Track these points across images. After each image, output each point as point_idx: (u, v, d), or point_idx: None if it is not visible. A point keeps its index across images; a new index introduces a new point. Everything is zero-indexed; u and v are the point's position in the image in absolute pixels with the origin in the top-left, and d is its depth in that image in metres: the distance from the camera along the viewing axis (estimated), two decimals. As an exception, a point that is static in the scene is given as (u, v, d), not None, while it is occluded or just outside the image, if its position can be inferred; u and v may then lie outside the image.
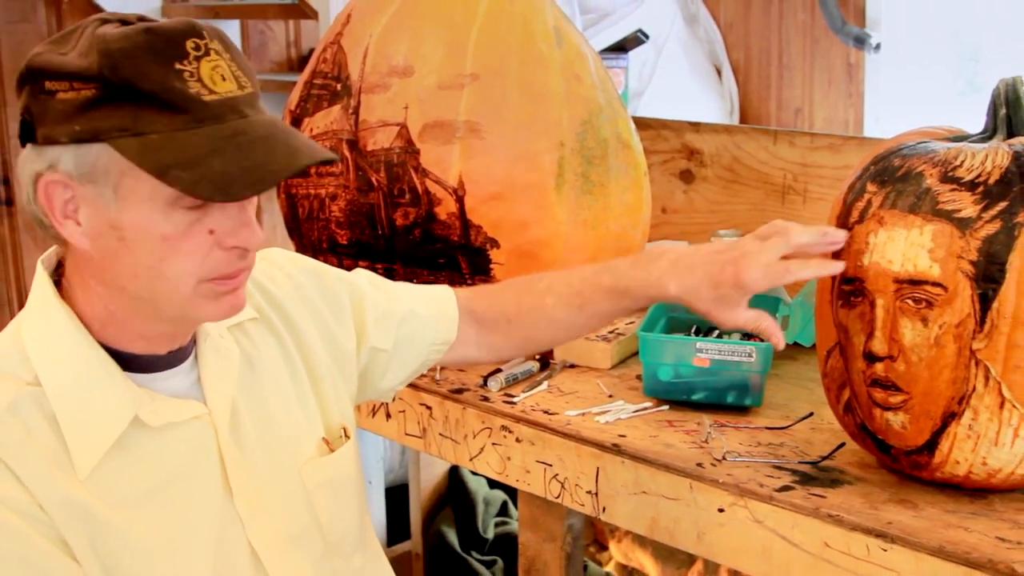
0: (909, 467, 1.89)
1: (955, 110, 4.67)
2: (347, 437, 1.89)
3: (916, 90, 4.78)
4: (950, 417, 1.79)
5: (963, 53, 4.77)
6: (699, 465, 2.02)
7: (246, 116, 1.52)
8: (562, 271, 2.09)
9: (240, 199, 1.48)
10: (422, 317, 2.04)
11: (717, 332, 2.46)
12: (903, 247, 1.79)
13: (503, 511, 3.97)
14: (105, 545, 1.52)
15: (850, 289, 1.87)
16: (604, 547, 4.24)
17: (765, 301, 2.54)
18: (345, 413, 1.93)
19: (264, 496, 1.71)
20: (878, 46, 4.71)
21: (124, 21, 1.50)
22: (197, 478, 1.64)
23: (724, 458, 2.03)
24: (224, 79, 1.50)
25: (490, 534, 3.84)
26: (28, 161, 1.49)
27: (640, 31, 3.71)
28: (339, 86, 2.52)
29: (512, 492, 4.02)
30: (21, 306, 4.45)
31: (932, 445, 1.83)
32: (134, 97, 1.44)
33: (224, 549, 1.65)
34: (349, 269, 2.45)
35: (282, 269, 1.91)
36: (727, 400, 2.26)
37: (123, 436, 1.55)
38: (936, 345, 1.77)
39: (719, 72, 5.10)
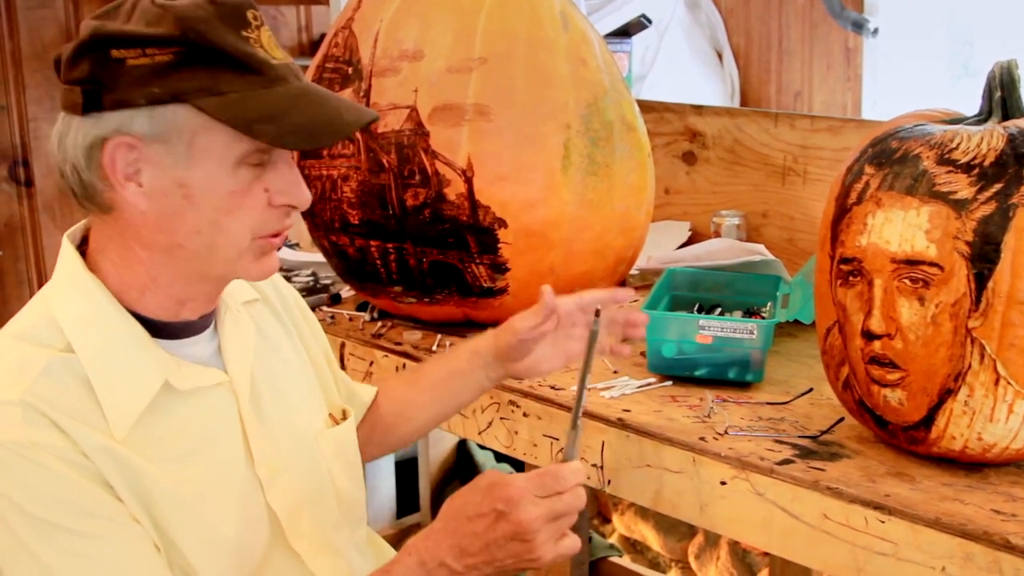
0: (906, 442, 1.94)
1: (951, 93, 4.71)
2: (346, 417, 1.99)
3: (913, 74, 4.82)
4: (946, 394, 1.84)
5: (958, 37, 4.80)
6: (702, 439, 2.06)
7: (301, 80, 1.64)
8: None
9: (322, 147, 1.69)
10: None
11: (719, 310, 2.51)
12: (900, 228, 1.83)
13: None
14: (144, 491, 1.58)
15: (849, 269, 1.91)
16: (607, 520, 4.30)
17: (765, 280, 2.59)
18: (349, 397, 2.06)
19: (282, 462, 1.77)
20: (876, 31, 4.75)
21: None
22: (221, 442, 1.70)
23: (726, 432, 2.08)
24: (277, 47, 1.63)
25: (497, 507, 3.88)
26: (85, 128, 1.55)
27: (643, 16, 3.75)
28: (350, 70, 2.56)
29: (519, 465, 4.07)
30: (40, 284, 4.51)
31: (929, 421, 1.87)
32: (212, 60, 1.54)
33: (247, 510, 1.71)
34: (361, 249, 2.51)
35: (280, 280, 2.01)
36: (729, 376, 2.30)
37: (154, 400, 1.61)
38: (933, 324, 1.82)
39: (720, 56, 5.14)
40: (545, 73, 2.49)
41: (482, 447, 3.97)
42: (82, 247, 1.68)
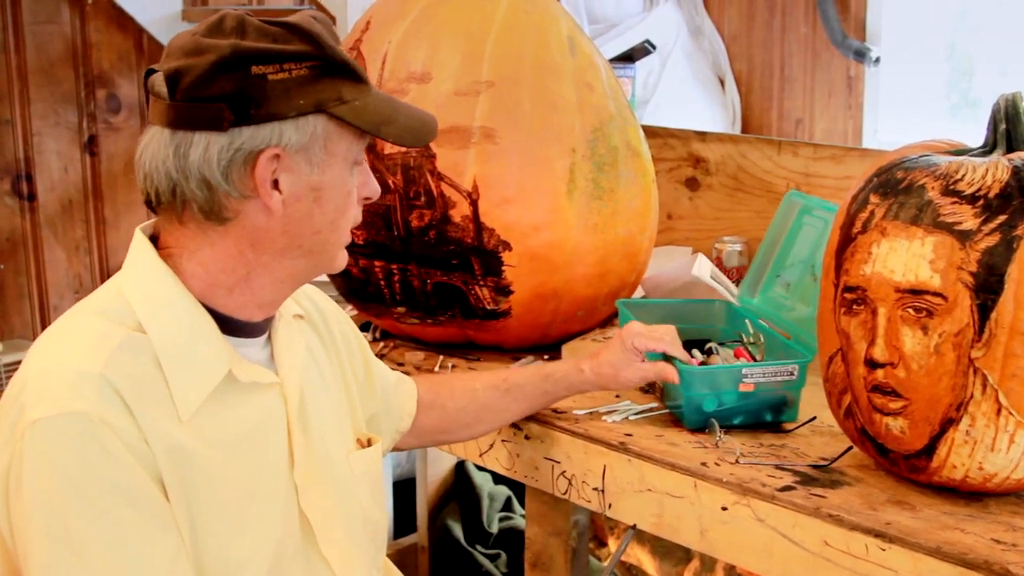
0: (907, 470, 1.94)
1: (950, 123, 4.73)
2: (371, 443, 2.01)
3: (914, 103, 4.83)
4: (948, 423, 1.84)
5: (958, 67, 4.82)
6: (703, 464, 2.07)
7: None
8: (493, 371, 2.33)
9: (421, 145, 1.88)
10: (395, 390, 2.20)
11: (708, 346, 2.48)
12: (905, 257, 1.84)
13: (507, 506, 4.01)
14: (195, 487, 1.61)
15: (852, 297, 1.92)
16: (603, 543, 4.28)
17: (709, 306, 2.61)
18: (368, 426, 2.08)
19: (318, 472, 1.81)
20: (878, 59, 4.77)
21: (249, 12, 1.69)
22: (269, 442, 1.75)
23: (737, 461, 2.08)
24: None
25: (494, 528, 3.88)
26: (225, 142, 1.61)
27: (647, 41, 3.77)
28: (358, 90, 2.57)
29: (516, 487, 4.07)
30: (42, 299, 4.52)
31: (930, 450, 1.88)
32: (338, 72, 1.67)
33: (286, 510, 1.74)
34: (365, 269, 2.51)
35: (331, 301, 2.09)
36: (766, 419, 2.27)
37: (216, 388, 1.66)
38: (936, 353, 1.82)
39: (722, 83, 5.16)
40: (552, 97, 2.50)
41: (480, 469, 3.96)
42: (157, 243, 1.74)
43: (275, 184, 1.65)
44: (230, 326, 1.72)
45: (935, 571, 1.75)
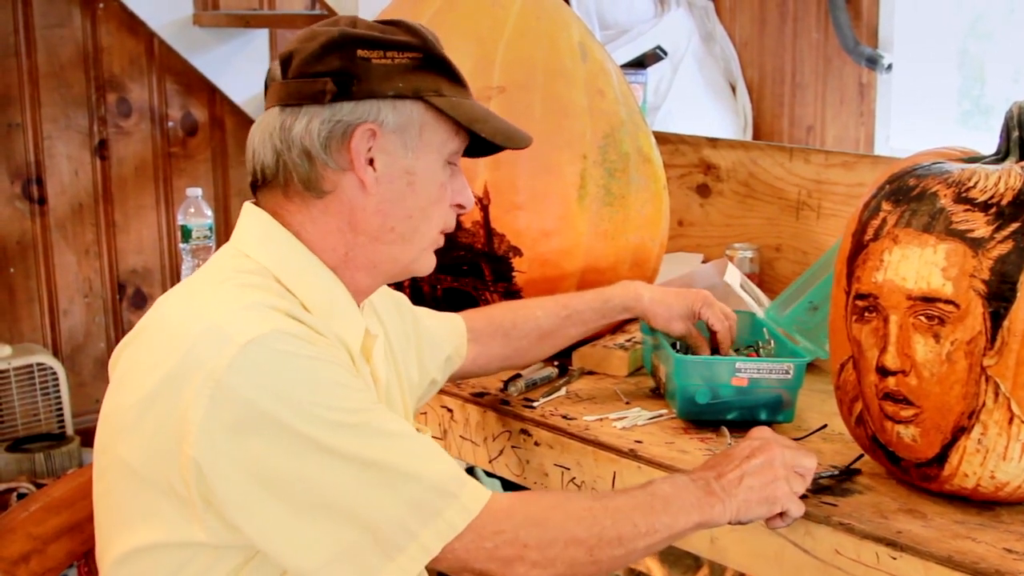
0: (919, 479, 1.94)
1: (963, 130, 4.72)
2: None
3: (925, 110, 4.82)
4: (960, 431, 1.83)
5: (970, 74, 4.81)
6: (714, 472, 2.06)
7: None
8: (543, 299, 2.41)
9: (514, 148, 1.87)
10: (439, 336, 2.25)
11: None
12: (917, 265, 1.83)
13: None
14: None
15: (864, 305, 1.91)
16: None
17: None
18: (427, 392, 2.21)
19: None
20: (890, 66, 4.76)
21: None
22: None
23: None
24: None
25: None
26: (327, 115, 1.72)
27: (659, 48, 3.76)
28: (369, 95, 2.57)
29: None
30: (51, 302, 4.53)
31: (942, 458, 1.87)
32: (438, 68, 1.79)
33: None
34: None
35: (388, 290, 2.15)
36: (760, 418, 2.26)
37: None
38: (948, 361, 1.82)
39: (733, 89, 5.15)
40: (563, 103, 2.50)
41: (490, 475, 3.96)
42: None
43: (371, 162, 1.74)
44: None
45: (946, 580, 1.74)
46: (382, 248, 1.81)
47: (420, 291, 2.53)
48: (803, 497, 1.87)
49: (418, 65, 1.76)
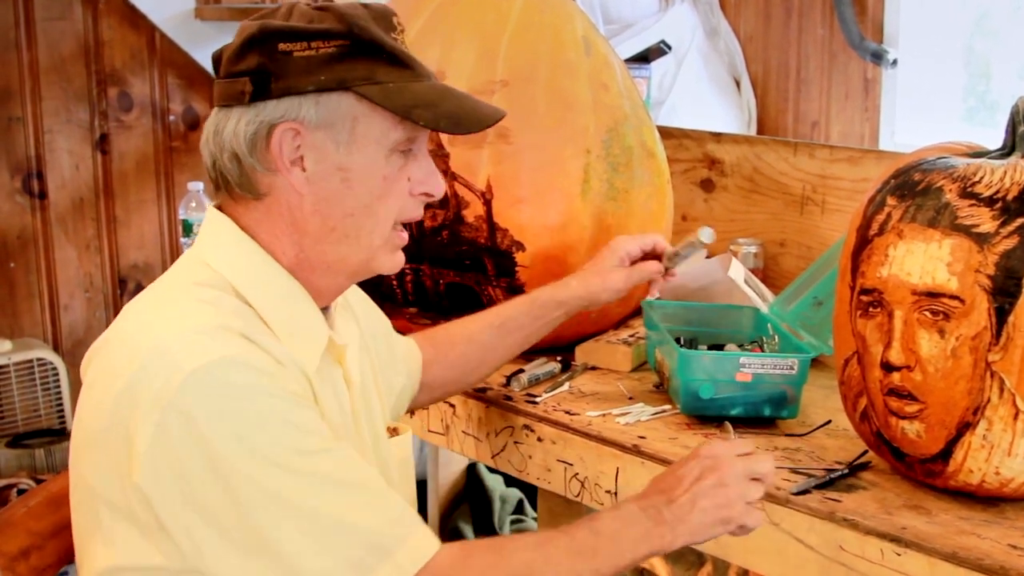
0: (923, 475, 1.93)
1: (968, 126, 4.70)
2: (400, 433, 2.03)
3: (931, 106, 4.81)
4: (965, 427, 1.83)
5: (975, 70, 4.80)
6: (717, 468, 2.05)
7: (437, 80, 1.80)
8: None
9: (471, 132, 1.77)
10: (407, 355, 2.21)
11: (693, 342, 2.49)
12: (922, 260, 1.83)
13: (519, 509, 4.01)
14: None
15: (869, 300, 1.91)
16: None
17: (736, 312, 2.61)
18: (395, 414, 2.10)
19: (369, 454, 1.85)
20: (895, 62, 4.74)
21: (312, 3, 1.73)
22: (341, 423, 1.78)
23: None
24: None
25: (506, 531, 3.87)
26: (250, 116, 1.66)
27: (663, 42, 3.75)
28: (371, 89, 2.56)
29: (528, 490, 4.06)
30: (52, 297, 4.52)
31: (947, 454, 1.86)
32: (372, 53, 1.68)
33: None
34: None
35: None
36: (764, 413, 2.25)
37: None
38: (952, 356, 1.81)
39: (738, 84, 5.14)
40: (566, 97, 2.49)
41: (492, 471, 3.95)
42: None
43: (301, 160, 1.67)
44: None
45: (951, 576, 1.74)
46: (330, 248, 1.73)
47: (423, 286, 2.52)
48: (806, 492, 1.87)
49: (346, 53, 1.66)
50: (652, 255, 2.34)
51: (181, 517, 1.52)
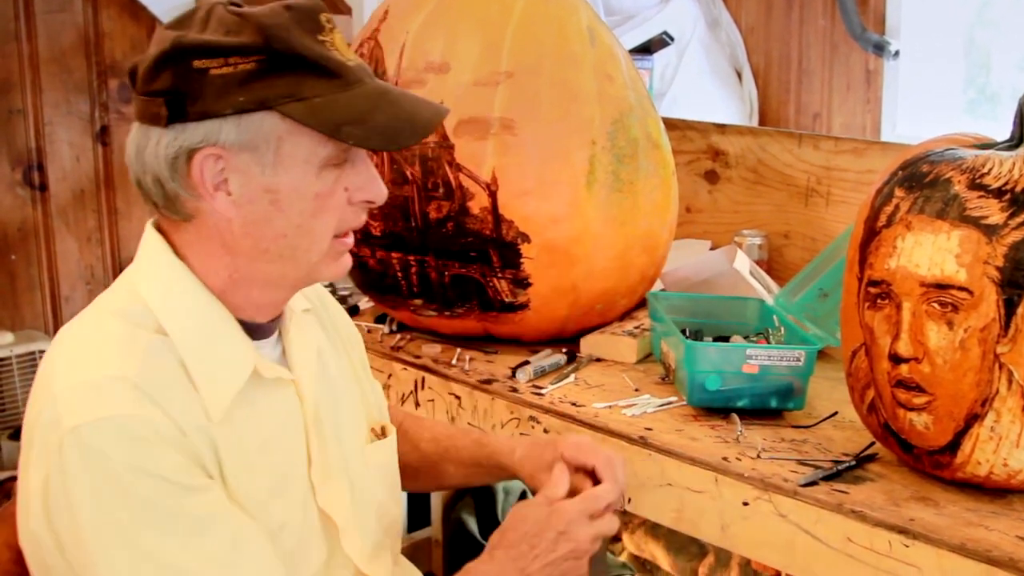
0: (931, 466, 1.93)
1: (969, 118, 4.70)
2: (386, 434, 1.96)
3: (932, 97, 4.81)
4: (973, 419, 1.83)
5: (976, 62, 4.80)
6: (724, 459, 2.05)
7: (375, 81, 1.66)
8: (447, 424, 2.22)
9: (406, 147, 1.71)
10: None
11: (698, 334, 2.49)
12: (930, 252, 1.82)
13: (522, 500, 4.00)
14: (228, 484, 1.60)
15: (877, 292, 1.90)
16: (617, 538, 4.27)
17: (741, 304, 2.61)
18: (382, 414, 2.01)
19: (334, 470, 1.77)
20: (897, 53, 4.74)
21: (234, 3, 1.60)
22: (288, 441, 1.72)
23: (759, 456, 2.07)
24: (348, 49, 1.65)
25: (511, 522, 3.86)
26: (168, 139, 1.56)
27: (666, 33, 3.75)
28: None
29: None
30: (53, 289, 4.52)
31: (954, 446, 1.86)
32: (294, 66, 1.55)
33: (306, 510, 1.72)
34: (382, 261, 2.50)
35: (323, 291, 2.01)
36: (771, 405, 2.25)
37: (243, 387, 1.63)
38: (961, 348, 1.81)
39: (739, 75, 5.14)
40: (571, 88, 2.49)
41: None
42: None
43: (226, 182, 1.58)
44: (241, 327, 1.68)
45: (959, 568, 1.74)
46: (265, 267, 1.64)
47: (427, 278, 2.52)
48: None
49: (266, 69, 1.54)
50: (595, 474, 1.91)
51: (61, 570, 1.53)
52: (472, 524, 3.79)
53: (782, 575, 3.75)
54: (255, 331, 1.70)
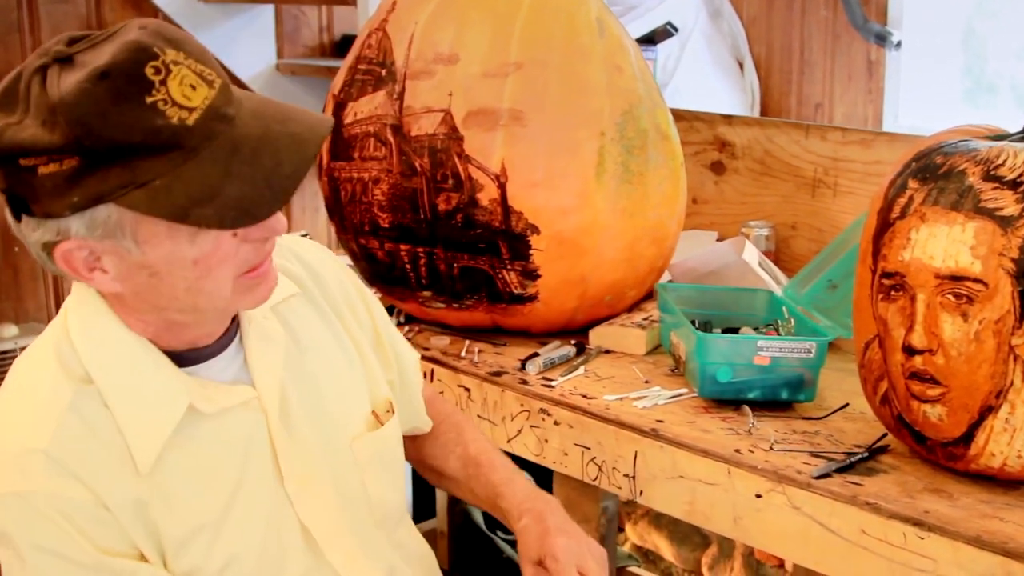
0: (944, 458, 1.93)
1: (969, 108, 4.70)
2: (392, 412, 1.90)
3: (933, 88, 4.81)
4: (987, 411, 1.83)
5: (975, 52, 4.80)
6: (737, 451, 2.05)
7: (231, 118, 1.48)
8: (486, 442, 2.09)
9: (267, 218, 1.49)
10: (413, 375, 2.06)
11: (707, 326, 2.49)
12: (945, 243, 1.82)
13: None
14: (163, 529, 1.57)
15: (891, 283, 1.90)
16: (621, 528, 4.28)
17: (750, 295, 2.60)
18: (400, 383, 1.98)
19: (314, 475, 1.73)
20: (899, 43, 4.74)
21: (60, 58, 1.43)
22: (248, 462, 1.66)
23: (772, 448, 2.07)
24: (194, 87, 1.44)
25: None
26: (30, 231, 1.47)
27: (670, 24, 3.74)
28: (384, 72, 2.55)
29: (535, 472, 4.05)
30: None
31: (968, 437, 1.86)
32: (122, 154, 1.40)
33: (273, 529, 1.68)
34: (390, 252, 2.49)
35: (328, 255, 1.94)
36: (782, 396, 2.25)
37: (179, 425, 1.57)
38: (976, 340, 1.81)
39: (741, 66, 5.13)
40: (581, 79, 2.48)
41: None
42: None
43: (99, 263, 1.49)
44: (185, 359, 1.62)
45: (975, 560, 1.74)
46: (180, 315, 1.56)
47: (436, 270, 2.52)
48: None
49: (90, 164, 1.39)
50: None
51: None
52: (477, 515, 3.80)
53: (785, 564, 3.77)
54: (204, 354, 1.64)
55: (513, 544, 3.75)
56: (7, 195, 1.45)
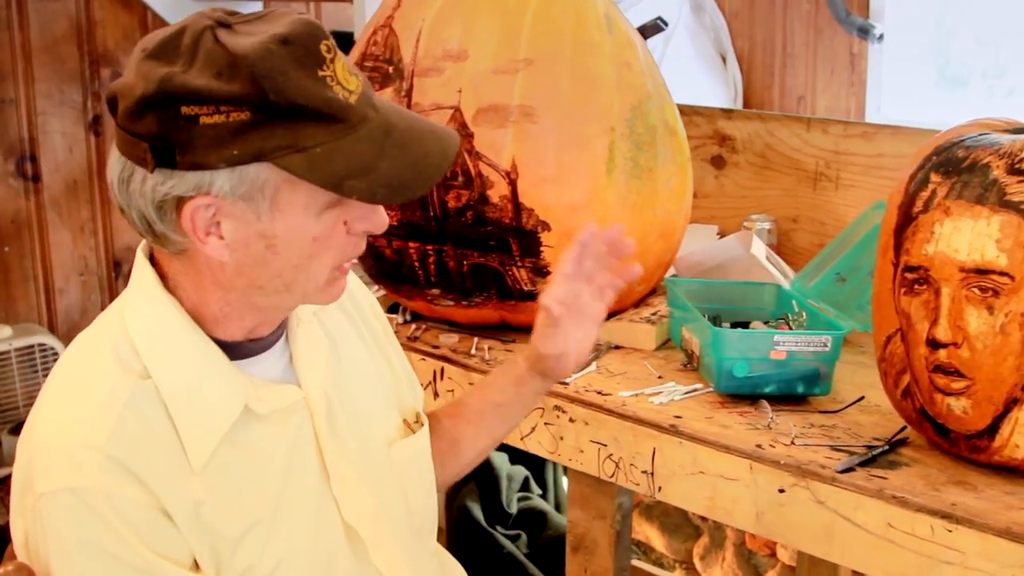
0: (968, 450, 1.94)
1: (948, 99, 4.73)
2: (421, 423, 1.92)
3: (913, 80, 4.84)
4: (1012, 403, 1.84)
5: (947, 43, 4.83)
6: (758, 446, 2.05)
7: (378, 108, 1.55)
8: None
9: (414, 198, 1.60)
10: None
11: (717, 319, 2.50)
12: (969, 237, 1.83)
13: (524, 486, 4.00)
14: (217, 528, 1.56)
15: (914, 277, 1.91)
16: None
17: (759, 289, 2.61)
18: (416, 397, 1.98)
19: (357, 477, 1.73)
20: (881, 36, 4.76)
21: (222, 23, 1.48)
22: (297, 461, 1.66)
23: (793, 442, 2.07)
24: (352, 74, 1.52)
25: (514, 509, 3.87)
26: (154, 182, 1.46)
27: (660, 19, 3.74)
28: (391, 69, 2.54)
29: (533, 468, 4.05)
30: (47, 281, 4.48)
31: (993, 430, 1.87)
32: (292, 115, 1.44)
33: (321, 529, 1.68)
34: (398, 250, 2.48)
35: (351, 279, 1.93)
36: (797, 390, 2.25)
37: (232, 425, 1.58)
38: (1001, 333, 1.82)
39: (724, 60, 5.14)
40: (590, 75, 2.48)
41: (497, 449, 3.95)
42: (156, 264, 1.62)
43: (218, 225, 1.49)
44: (236, 350, 1.63)
45: (1005, 552, 1.75)
46: (260, 299, 1.58)
47: (445, 268, 2.51)
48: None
49: (262, 119, 1.43)
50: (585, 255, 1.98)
51: None
52: (477, 511, 3.80)
53: (777, 545, 3.77)
54: (254, 347, 1.65)
55: (511, 539, 3.77)
56: (154, 143, 1.44)
